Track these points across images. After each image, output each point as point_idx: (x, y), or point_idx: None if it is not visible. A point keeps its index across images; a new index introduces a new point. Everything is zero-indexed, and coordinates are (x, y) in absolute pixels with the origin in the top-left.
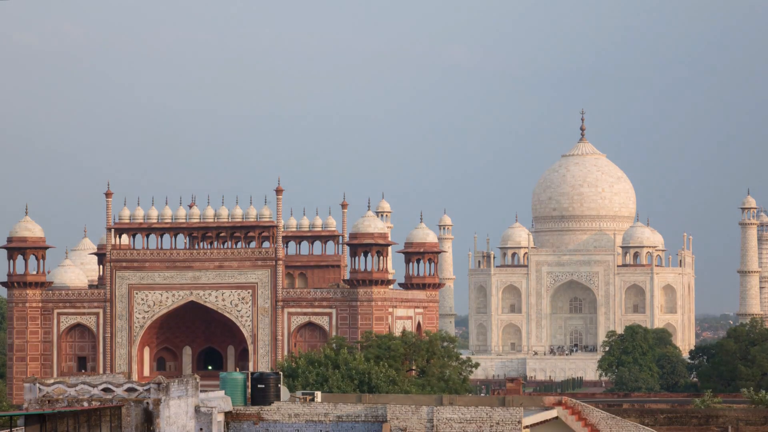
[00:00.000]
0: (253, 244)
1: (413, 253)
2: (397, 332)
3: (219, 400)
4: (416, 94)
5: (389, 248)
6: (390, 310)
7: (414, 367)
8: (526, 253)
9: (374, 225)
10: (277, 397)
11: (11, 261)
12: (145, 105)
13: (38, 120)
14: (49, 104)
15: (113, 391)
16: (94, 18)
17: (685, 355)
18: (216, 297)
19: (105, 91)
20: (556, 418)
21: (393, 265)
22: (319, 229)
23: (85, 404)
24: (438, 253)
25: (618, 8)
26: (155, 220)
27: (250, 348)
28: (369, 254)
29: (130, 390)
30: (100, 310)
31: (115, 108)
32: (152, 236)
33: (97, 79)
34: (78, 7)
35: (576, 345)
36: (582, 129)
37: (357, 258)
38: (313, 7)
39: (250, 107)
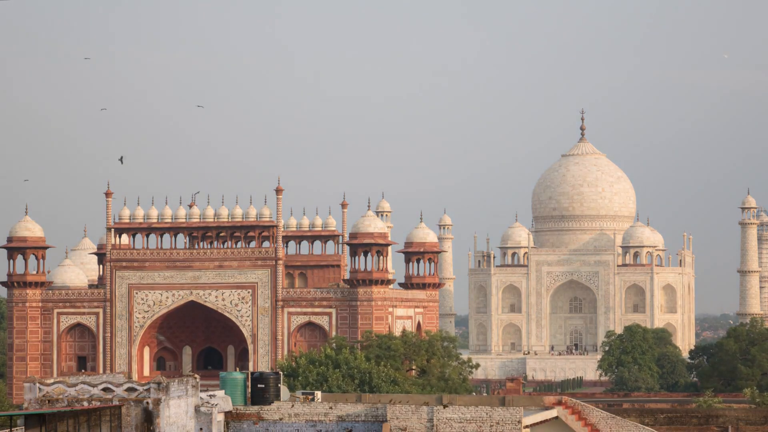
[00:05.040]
0: (253, 244)
1: (413, 253)
2: (397, 332)
3: (219, 400)
4: (416, 94)
5: (389, 248)
6: (390, 309)
7: (414, 367)
8: (526, 252)
9: (374, 225)
10: (277, 397)
11: (11, 261)
12: (145, 104)
13: (38, 120)
14: (49, 104)
15: (113, 391)
16: (95, 17)
17: (685, 354)
18: (216, 297)
19: (105, 91)
20: (556, 417)
21: (393, 265)
22: (319, 228)
23: (85, 404)
24: (438, 252)
25: (618, 8)
26: (155, 220)
27: (250, 348)
28: (369, 254)
29: (130, 390)
30: (100, 310)
31: (115, 108)
32: (152, 236)
33: (98, 79)
34: (78, 5)
35: (576, 345)
36: (582, 129)
37: (357, 258)
38: (307, 7)
39: (250, 107)
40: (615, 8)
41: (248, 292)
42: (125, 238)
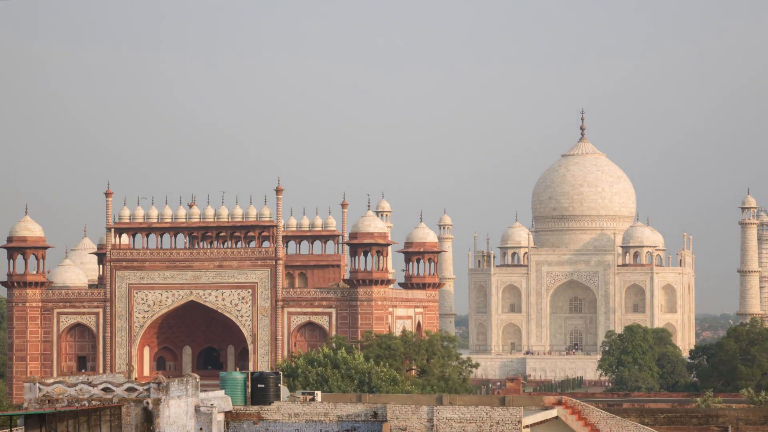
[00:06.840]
0: (253, 244)
1: (413, 253)
2: (397, 332)
3: (219, 400)
4: (416, 94)
5: (389, 248)
6: (390, 309)
7: (414, 367)
8: (526, 252)
9: (374, 225)
10: (277, 397)
11: (11, 261)
12: (146, 105)
13: (38, 120)
14: (49, 104)
15: (113, 391)
16: (94, 16)
17: (685, 354)
18: (216, 297)
19: (105, 91)
20: (556, 417)
21: (393, 264)
22: (319, 228)
23: (85, 404)
24: (438, 252)
25: (618, 8)
26: (155, 220)
27: (250, 348)
28: (369, 254)
29: (130, 390)
30: (100, 310)
31: (115, 107)
32: (152, 236)
33: (97, 79)
34: (81, 6)
35: (576, 345)
36: (582, 129)
37: (357, 258)
38: (308, 7)
39: (251, 107)
40: (615, 8)
41: (248, 292)
42: (125, 238)
